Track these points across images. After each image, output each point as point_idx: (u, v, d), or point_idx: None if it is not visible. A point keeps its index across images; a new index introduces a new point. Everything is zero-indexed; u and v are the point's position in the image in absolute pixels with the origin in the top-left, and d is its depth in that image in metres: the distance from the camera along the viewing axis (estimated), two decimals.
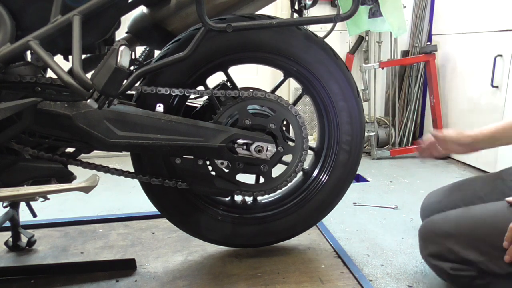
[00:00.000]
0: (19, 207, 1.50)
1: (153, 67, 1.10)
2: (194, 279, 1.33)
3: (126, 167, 1.26)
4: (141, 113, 1.16)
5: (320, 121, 1.41)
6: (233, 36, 1.20)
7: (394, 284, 1.32)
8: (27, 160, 1.13)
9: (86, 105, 1.11)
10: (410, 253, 1.50)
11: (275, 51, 1.27)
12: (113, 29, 1.23)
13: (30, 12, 1.09)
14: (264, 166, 1.27)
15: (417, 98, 3.11)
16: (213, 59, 1.24)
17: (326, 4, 2.94)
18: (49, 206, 1.91)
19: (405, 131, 3.12)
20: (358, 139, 1.37)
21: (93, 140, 1.14)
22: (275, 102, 1.25)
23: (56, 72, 0.98)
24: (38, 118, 1.09)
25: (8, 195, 1.02)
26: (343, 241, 1.59)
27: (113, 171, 1.20)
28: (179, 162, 1.23)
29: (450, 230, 1.15)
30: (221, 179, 1.28)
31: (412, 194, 2.13)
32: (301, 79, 1.34)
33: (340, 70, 1.31)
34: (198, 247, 1.52)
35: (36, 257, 1.47)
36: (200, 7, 1.04)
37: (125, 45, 0.93)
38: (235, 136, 1.22)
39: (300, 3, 1.44)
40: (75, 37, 0.98)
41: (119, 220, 1.76)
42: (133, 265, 1.39)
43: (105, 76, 0.92)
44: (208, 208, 1.38)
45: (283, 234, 1.45)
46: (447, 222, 1.18)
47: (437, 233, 1.19)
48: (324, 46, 1.30)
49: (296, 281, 1.31)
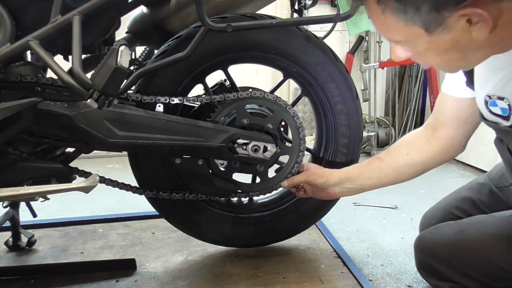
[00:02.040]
0: (19, 207, 1.50)
1: (153, 67, 1.10)
2: (194, 279, 1.33)
3: (126, 167, 1.26)
4: (141, 113, 1.16)
5: (318, 123, 1.41)
6: (233, 35, 1.19)
7: (394, 284, 1.32)
8: (27, 160, 1.13)
9: (86, 105, 1.11)
10: (410, 253, 1.50)
11: (274, 51, 1.27)
12: (113, 29, 1.23)
13: (30, 12, 1.09)
14: (261, 166, 1.27)
15: (417, 98, 3.11)
16: (213, 57, 1.24)
17: (326, 4, 2.94)
18: (49, 206, 1.90)
19: (405, 131, 3.12)
20: (355, 142, 1.37)
21: (93, 140, 1.14)
22: (274, 102, 1.25)
23: (56, 72, 0.98)
24: (38, 118, 1.09)
25: (8, 195, 1.02)
26: (343, 241, 1.59)
27: (121, 186, 1.23)
28: (179, 162, 1.23)
29: (444, 255, 1.12)
30: (221, 179, 1.28)
31: (412, 194, 2.12)
32: (300, 80, 1.34)
33: (339, 72, 1.31)
34: (198, 247, 1.52)
35: (36, 257, 1.47)
36: (200, 7, 1.04)
37: (125, 45, 0.93)
38: (235, 136, 1.22)
39: (300, 3, 1.44)
40: (75, 37, 0.98)
41: (119, 220, 1.76)
42: (133, 265, 1.39)
43: (105, 76, 0.92)
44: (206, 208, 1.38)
45: (283, 234, 1.45)
46: (441, 246, 1.14)
47: (430, 256, 1.16)
48: (324, 48, 1.30)
49: (296, 281, 1.31)
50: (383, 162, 1.19)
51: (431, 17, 0.69)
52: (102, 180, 1.19)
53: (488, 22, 0.69)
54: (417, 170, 1.18)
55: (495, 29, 0.71)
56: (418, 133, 1.19)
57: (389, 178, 1.20)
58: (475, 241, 1.08)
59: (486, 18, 0.68)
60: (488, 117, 0.97)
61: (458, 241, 1.11)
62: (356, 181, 1.21)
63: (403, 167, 1.18)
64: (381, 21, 0.75)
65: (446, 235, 1.15)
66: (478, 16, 0.68)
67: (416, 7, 0.68)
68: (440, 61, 0.80)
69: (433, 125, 1.15)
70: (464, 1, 0.66)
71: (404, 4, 0.69)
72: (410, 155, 1.16)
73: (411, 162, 1.17)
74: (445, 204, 1.35)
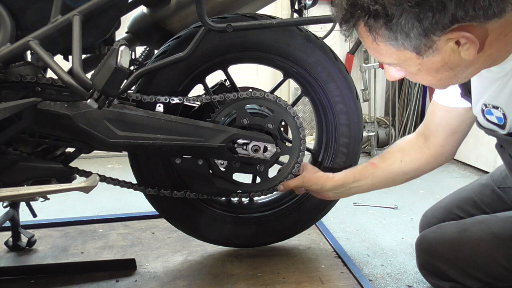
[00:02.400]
0: (19, 207, 1.50)
1: (153, 67, 1.10)
2: (194, 279, 1.33)
3: (126, 167, 1.26)
4: (141, 113, 1.16)
5: (318, 122, 1.41)
6: (232, 35, 1.19)
7: (394, 284, 1.32)
8: (27, 160, 1.13)
9: (86, 105, 1.11)
10: (410, 253, 1.50)
11: (276, 52, 1.27)
12: (113, 29, 1.23)
13: (30, 12, 1.09)
14: (261, 166, 1.27)
15: (417, 98, 3.11)
16: (213, 57, 1.24)
17: (326, 4, 2.94)
18: (49, 206, 1.91)
19: (405, 131, 3.12)
20: (356, 142, 1.37)
21: (93, 140, 1.14)
22: (274, 102, 1.25)
23: (56, 72, 0.98)
24: (38, 118, 1.09)
25: (8, 195, 1.02)
26: (343, 241, 1.59)
27: (122, 184, 1.24)
28: (179, 162, 1.23)
29: (446, 254, 1.13)
30: (221, 179, 1.28)
31: (412, 194, 2.13)
32: (300, 80, 1.34)
33: (339, 72, 1.31)
34: (198, 247, 1.52)
35: (36, 257, 1.47)
36: (200, 7, 1.04)
37: (125, 45, 0.93)
38: (235, 136, 1.22)
39: (300, 3, 1.44)
40: (75, 37, 0.98)
41: (119, 220, 1.76)
42: (133, 265, 1.39)
43: (105, 76, 0.92)
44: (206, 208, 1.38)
45: (283, 233, 1.45)
46: (443, 245, 1.15)
47: (432, 255, 1.16)
48: (324, 48, 1.30)
49: (296, 281, 1.31)
50: (377, 169, 1.22)
51: (420, 42, 0.72)
52: (102, 178, 1.19)
53: (475, 43, 0.72)
54: (409, 177, 1.23)
55: (483, 48, 0.74)
56: (410, 141, 1.22)
57: (382, 183, 1.25)
58: (478, 241, 1.09)
59: (472, 40, 0.71)
60: (485, 125, 0.99)
61: (461, 240, 1.11)
62: (350, 186, 1.25)
63: (397, 174, 1.21)
64: (374, 47, 0.78)
65: (448, 235, 1.16)
66: (465, 38, 0.71)
67: (405, 33, 0.71)
68: (433, 80, 0.83)
69: (424, 133, 1.18)
70: (450, 26, 0.69)
71: (395, 32, 0.72)
72: (403, 162, 1.20)
73: (404, 169, 1.20)
74: (446, 204, 1.36)
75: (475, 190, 1.32)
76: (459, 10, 0.67)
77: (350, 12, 0.73)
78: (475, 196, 1.29)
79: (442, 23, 0.68)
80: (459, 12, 0.67)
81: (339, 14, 0.76)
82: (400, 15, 0.69)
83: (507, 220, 1.09)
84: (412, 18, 0.68)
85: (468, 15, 0.67)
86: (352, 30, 0.77)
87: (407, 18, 0.69)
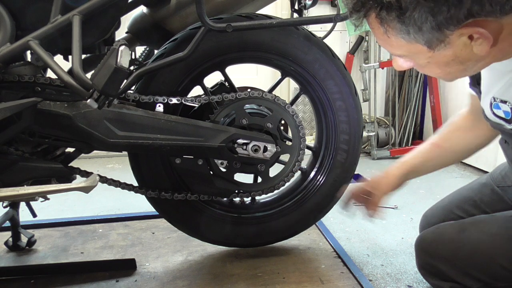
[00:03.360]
0: (19, 207, 1.50)
1: (152, 67, 1.10)
2: (194, 279, 1.33)
3: (126, 167, 1.26)
4: (141, 113, 1.16)
5: (318, 120, 1.41)
6: (230, 35, 1.19)
7: (394, 284, 1.32)
8: (27, 160, 1.13)
9: (86, 105, 1.11)
10: (410, 253, 1.50)
11: (273, 51, 1.27)
12: (113, 29, 1.23)
13: (30, 12, 1.09)
14: (262, 166, 1.27)
15: (417, 98, 3.10)
16: (211, 58, 1.24)
17: (326, 4, 2.94)
18: (49, 206, 1.91)
19: (405, 131, 3.12)
20: (356, 138, 1.37)
21: (93, 140, 1.14)
22: (272, 101, 1.25)
23: (56, 72, 0.98)
24: (38, 118, 1.09)
25: (8, 195, 1.02)
26: (343, 241, 1.59)
27: (123, 186, 1.23)
28: (179, 162, 1.23)
29: (446, 254, 1.12)
30: (221, 179, 1.28)
31: (412, 194, 2.12)
32: (299, 79, 1.34)
33: (337, 69, 1.31)
34: (198, 247, 1.52)
35: (36, 257, 1.47)
36: (200, 7, 1.04)
37: (125, 45, 0.93)
38: (235, 136, 1.22)
39: (300, 3, 1.44)
40: (75, 37, 0.98)
41: (119, 220, 1.76)
42: (133, 265, 1.39)
43: (105, 76, 0.92)
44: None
45: (283, 233, 1.45)
46: (442, 245, 1.14)
47: (432, 255, 1.16)
48: (321, 45, 1.30)
49: (296, 281, 1.31)
50: (442, 149, 1.23)
51: (433, 36, 0.71)
52: (103, 180, 1.19)
53: (489, 39, 0.70)
54: (474, 152, 1.25)
55: (496, 43, 0.72)
56: (466, 118, 1.22)
57: (448, 162, 1.27)
58: (478, 241, 1.09)
59: (486, 35, 0.69)
60: (492, 118, 0.99)
61: (460, 240, 1.11)
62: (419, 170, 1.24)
63: (462, 152, 1.23)
64: (384, 39, 0.76)
65: (448, 234, 1.15)
66: (479, 34, 0.70)
67: (418, 27, 0.70)
68: (441, 73, 0.82)
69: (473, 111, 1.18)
70: (465, 21, 0.68)
71: (407, 25, 0.70)
72: (467, 139, 1.21)
73: (469, 146, 1.22)
74: (445, 204, 1.36)
75: (475, 189, 1.32)
76: (475, 5, 0.65)
77: (361, 1, 0.72)
78: (475, 195, 1.29)
79: (456, 18, 0.67)
80: (475, 7, 0.66)
81: (350, 2, 0.74)
82: (414, 8, 0.67)
83: (506, 220, 1.09)
84: (426, 12, 0.67)
85: (484, 10, 0.66)
86: (362, 20, 0.75)
87: (421, 11, 0.67)
